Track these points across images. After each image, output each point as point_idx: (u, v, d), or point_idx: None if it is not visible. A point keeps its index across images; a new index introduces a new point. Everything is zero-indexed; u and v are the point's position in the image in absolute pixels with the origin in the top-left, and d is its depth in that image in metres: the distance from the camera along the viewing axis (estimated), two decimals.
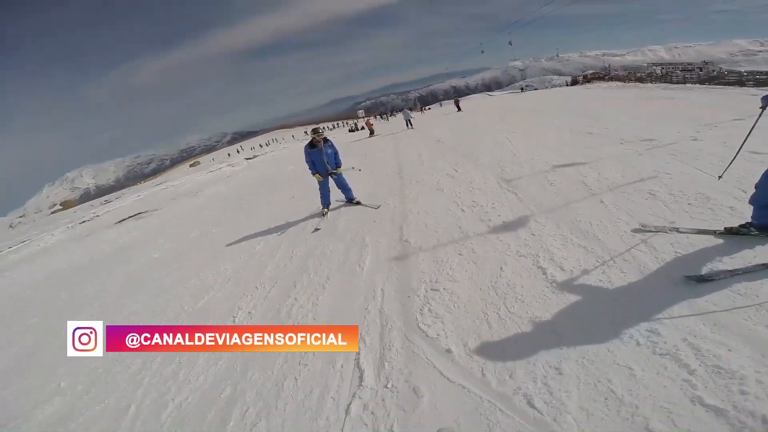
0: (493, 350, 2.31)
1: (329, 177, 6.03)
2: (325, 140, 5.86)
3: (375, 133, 22.56)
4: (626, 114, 9.64)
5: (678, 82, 19.50)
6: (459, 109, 26.88)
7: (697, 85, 16.26)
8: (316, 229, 5.47)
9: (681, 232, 2.98)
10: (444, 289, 3.11)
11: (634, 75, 29.69)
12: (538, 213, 4.10)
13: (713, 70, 24.69)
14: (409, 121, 21.32)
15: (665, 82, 20.84)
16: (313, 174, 5.93)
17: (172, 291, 4.86)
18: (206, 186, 18.21)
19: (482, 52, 35.12)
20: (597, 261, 2.91)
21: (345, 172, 6.42)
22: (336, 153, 6.06)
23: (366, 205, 6.07)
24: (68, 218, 23.21)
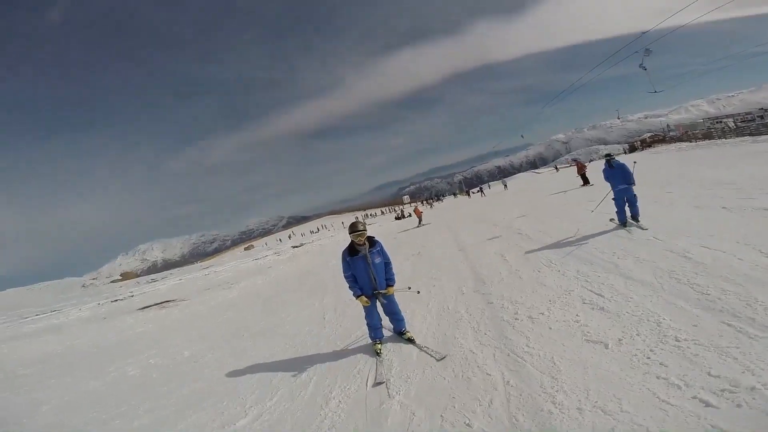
0: None
1: (375, 297, 4.21)
2: (372, 241, 4.18)
3: (423, 222, 20.89)
4: None
5: (757, 134, 17.69)
6: (469, 196, 25.07)
7: None
8: (378, 383, 3.56)
9: None
10: None
11: (696, 133, 27.35)
12: None
13: None
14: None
15: (739, 136, 19.04)
16: (357, 297, 4.14)
17: None
18: (245, 277, 17.51)
19: (522, 136, 34.15)
20: None
21: (397, 292, 4.43)
22: (388, 263, 4.29)
23: (424, 350, 3.98)
24: (109, 293, 24.92)
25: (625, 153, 40.20)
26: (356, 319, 5.40)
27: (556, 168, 60.78)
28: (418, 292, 5.00)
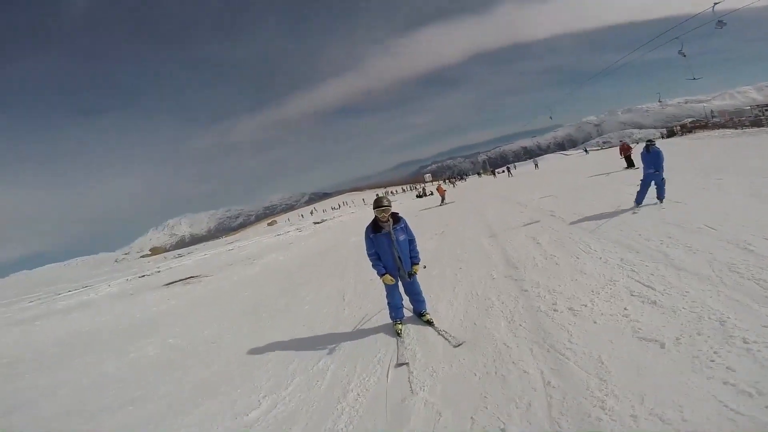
0: None
1: (399, 278, 4.05)
2: (396, 218, 4.00)
3: (446, 200, 20.46)
4: None
5: None
6: (495, 175, 24.28)
7: None
8: (400, 364, 3.47)
9: None
10: None
11: (742, 119, 25.36)
12: None
13: None
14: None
15: None
16: (382, 276, 3.97)
17: None
18: (267, 252, 17.60)
19: (551, 118, 32.46)
20: None
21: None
22: (412, 240, 4.11)
23: (442, 335, 3.83)
24: (137, 268, 25.30)
25: (663, 138, 37.74)
26: (377, 300, 5.18)
27: (586, 150, 58.27)
28: (425, 267, 4.49)
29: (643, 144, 7.46)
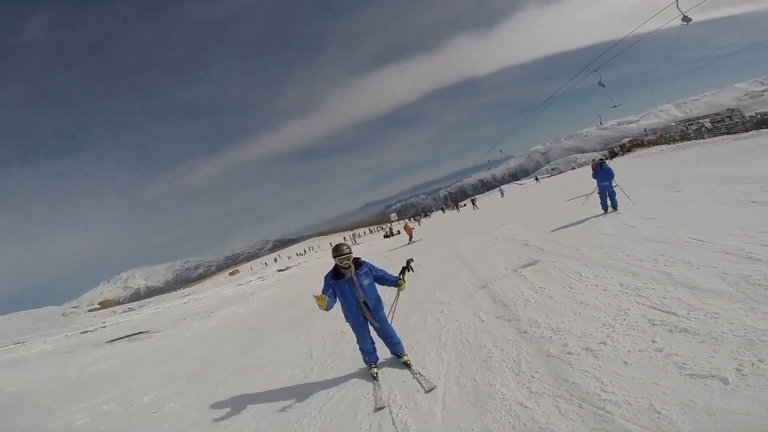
0: None
1: (368, 323, 3.84)
2: (358, 263, 3.76)
3: (414, 239, 20.04)
4: None
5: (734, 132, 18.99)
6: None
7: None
8: (379, 408, 3.20)
9: None
10: None
11: (672, 135, 27.88)
12: None
13: (753, 116, 24.38)
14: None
15: (716, 135, 20.09)
16: (318, 295, 3.64)
17: None
18: (226, 305, 16.12)
19: (500, 151, 34.04)
20: None
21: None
22: (381, 277, 3.85)
23: (416, 378, 3.54)
24: (81, 323, 23.51)
25: (607, 159, 40.80)
26: (352, 359, 4.32)
27: (536, 179, 61.36)
28: (411, 263, 3.99)
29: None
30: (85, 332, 17.34)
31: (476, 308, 4.81)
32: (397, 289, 3.80)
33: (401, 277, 3.79)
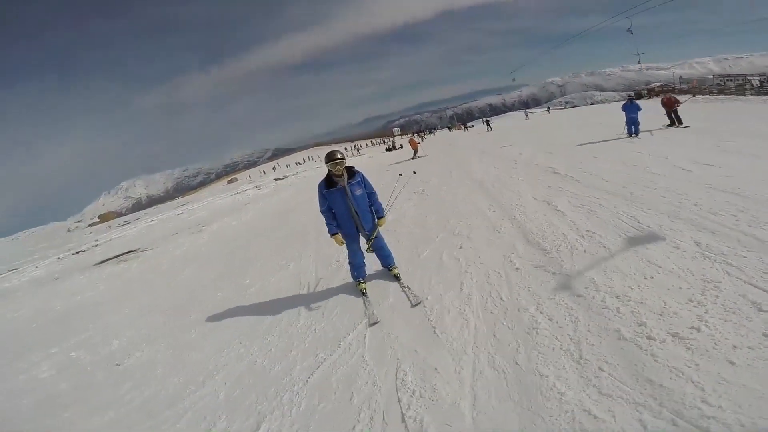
0: None
1: (360, 235, 3.89)
2: (351, 172, 3.73)
3: (419, 154, 19.24)
4: None
5: None
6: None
7: None
8: (373, 324, 3.21)
9: None
10: None
11: (707, 87, 26.06)
12: None
13: None
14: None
15: (762, 95, 18.70)
16: (332, 235, 3.81)
17: None
18: (219, 217, 15.53)
19: (513, 80, 31.37)
20: None
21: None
22: (372, 194, 3.87)
23: (404, 291, 3.65)
24: (74, 243, 22.42)
25: (633, 97, 37.96)
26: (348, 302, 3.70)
27: (548, 109, 59.81)
28: (414, 172, 4.17)
29: (625, 100, 11.51)
30: (78, 253, 16.94)
31: (506, 249, 4.01)
32: (376, 223, 3.85)
33: (381, 215, 3.86)
